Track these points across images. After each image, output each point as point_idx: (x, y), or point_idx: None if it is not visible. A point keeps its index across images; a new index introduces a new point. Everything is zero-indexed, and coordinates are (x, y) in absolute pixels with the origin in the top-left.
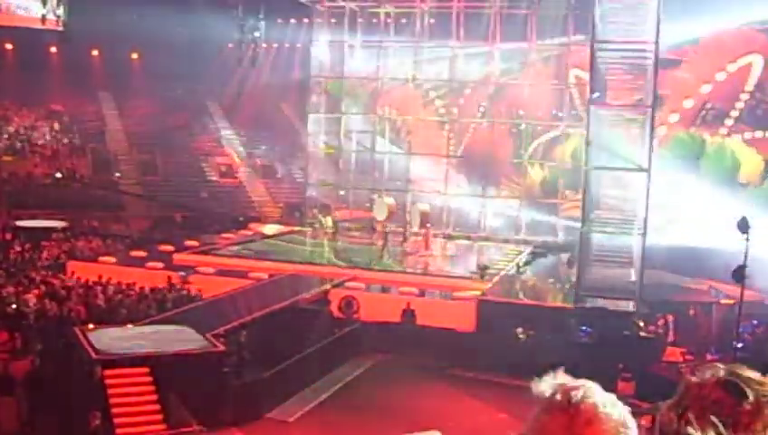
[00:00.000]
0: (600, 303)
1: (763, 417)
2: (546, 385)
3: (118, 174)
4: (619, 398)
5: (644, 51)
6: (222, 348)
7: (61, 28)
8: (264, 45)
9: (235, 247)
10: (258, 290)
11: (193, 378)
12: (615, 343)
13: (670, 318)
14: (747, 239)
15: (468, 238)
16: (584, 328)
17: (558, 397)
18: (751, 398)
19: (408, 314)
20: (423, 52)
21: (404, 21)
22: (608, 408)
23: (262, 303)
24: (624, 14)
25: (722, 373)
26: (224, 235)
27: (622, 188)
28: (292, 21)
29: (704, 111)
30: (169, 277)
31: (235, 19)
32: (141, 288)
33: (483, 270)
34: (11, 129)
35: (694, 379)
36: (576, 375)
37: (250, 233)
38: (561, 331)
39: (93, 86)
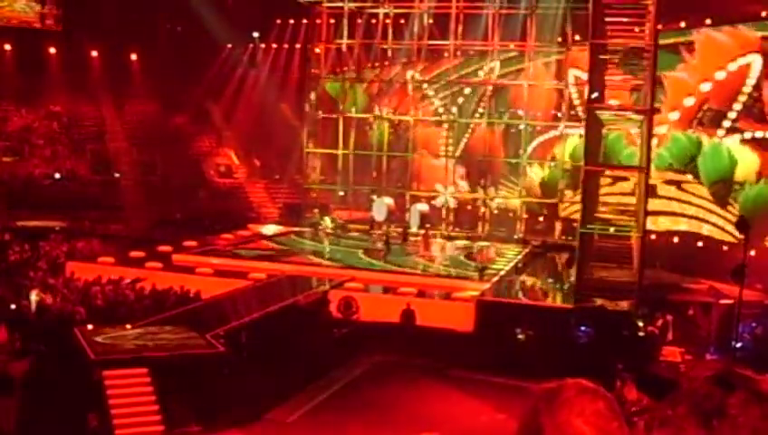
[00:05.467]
0: (600, 302)
1: (752, 411)
2: (541, 385)
3: (117, 174)
4: (618, 397)
5: (642, 51)
6: (221, 349)
7: (60, 29)
8: (263, 46)
9: (234, 248)
10: (257, 291)
11: (192, 379)
12: (614, 343)
13: (669, 318)
14: (746, 239)
15: (467, 239)
16: (583, 328)
17: (552, 397)
18: (739, 392)
19: (408, 314)
20: (422, 52)
21: (402, 21)
22: (602, 408)
23: (261, 303)
24: (623, 15)
25: (714, 370)
26: (222, 235)
27: (621, 187)
28: (291, 21)
29: (701, 113)
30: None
31: (234, 19)
32: (140, 288)
33: (482, 270)
34: (10, 129)
35: (687, 375)
36: (575, 375)
37: (249, 233)
38: (560, 331)
39: (92, 87)
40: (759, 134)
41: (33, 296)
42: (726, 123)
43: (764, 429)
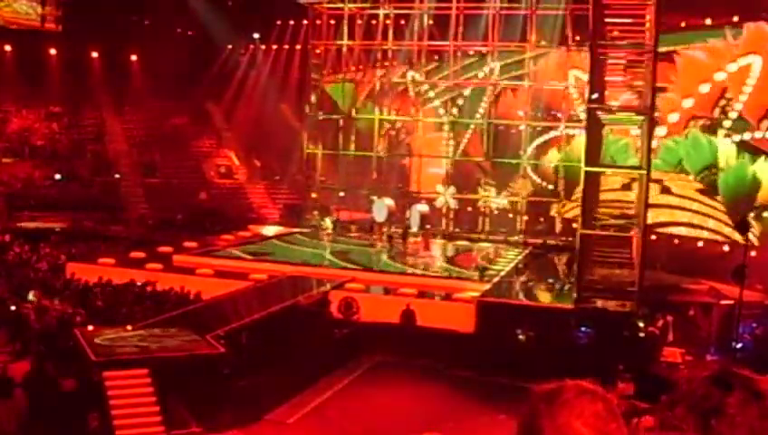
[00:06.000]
0: (600, 303)
1: (749, 410)
2: (541, 385)
3: (117, 175)
4: (619, 398)
5: (643, 51)
6: (222, 349)
7: (60, 30)
8: (263, 47)
9: (235, 249)
10: (258, 291)
11: (192, 380)
12: (615, 344)
13: (670, 319)
14: (747, 240)
15: (468, 239)
16: (584, 329)
17: (552, 398)
18: (737, 392)
19: (408, 314)
20: (422, 53)
21: (403, 22)
22: (601, 409)
23: (261, 304)
24: (623, 15)
25: (712, 371)
26: (223, 236)
27: (621, 188)
28: (291, 22)
29: (723, 101)
30: None
31: (234, 20)
32: (141, 290)
33: (482, 271)
34: (10, 130)
35: (685, 376)
36: (576, 376)
37: (249, 234)
38: (560, 331)
39: (93, 88)
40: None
41: (31, 297)
42: (727, 123)
43: (762, 427)
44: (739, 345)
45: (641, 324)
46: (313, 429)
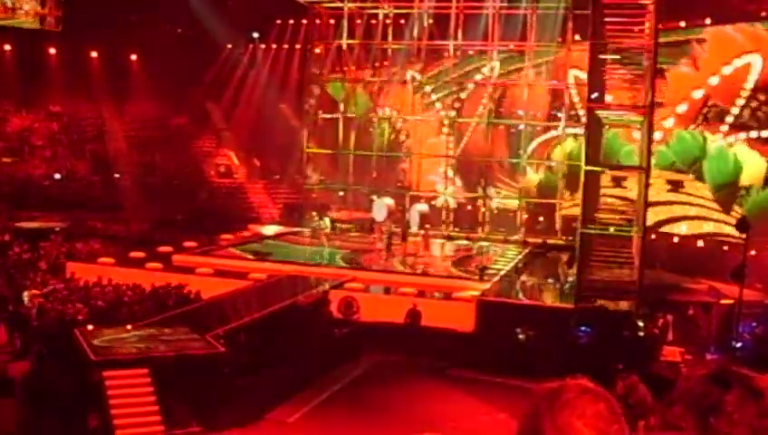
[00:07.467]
0: (600, 303)
1: (748, 408)
2: (542, 385)
3: (117, 175)
4: (619, 398)
5: (642, 51)
6: (221, 349)
7: (59, 29)
8: (263, 46)
9: (234, 248)
10: (258, 291)
11: (192, 379)
12: (615, 343)
13: (670, 318)
14: (746, 239)
15: (467, 239)
16: (584, 328)
17: (553, 398)
18: (735, 390)
19: (414, 314)
20: (422, 52)
21: (402, 21)
22: (603, 409)
23: (261, 303)
24: (623, 15)
25: (710, 369)
26: (223, 235)
27: (621, 187)
28: (291, 21)
29: (705, 108)
30: None
31: (234, 19)
32: (140, 289)
33: (482, 270)
34: (10, 130)
35: (683, 375)
36: (575, 375)
37: (249, 234)
38: (560, 331)
39: (92, 87)
40: (765, 133)
41: (25, 298)
42: (729, 119)
43: (761, 425)
44: (739, 344)
45: (641, 324)
46: (313, 429)
